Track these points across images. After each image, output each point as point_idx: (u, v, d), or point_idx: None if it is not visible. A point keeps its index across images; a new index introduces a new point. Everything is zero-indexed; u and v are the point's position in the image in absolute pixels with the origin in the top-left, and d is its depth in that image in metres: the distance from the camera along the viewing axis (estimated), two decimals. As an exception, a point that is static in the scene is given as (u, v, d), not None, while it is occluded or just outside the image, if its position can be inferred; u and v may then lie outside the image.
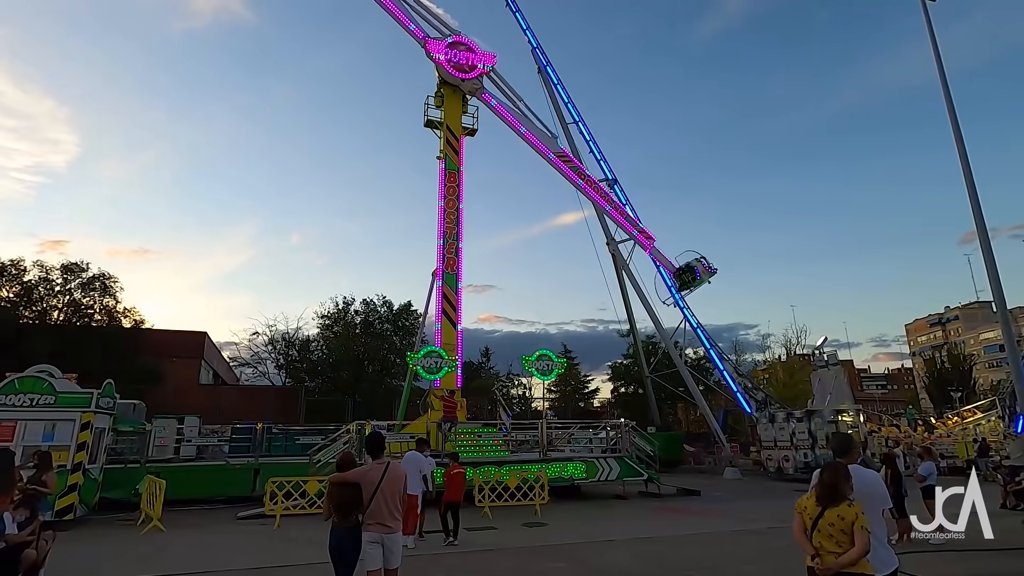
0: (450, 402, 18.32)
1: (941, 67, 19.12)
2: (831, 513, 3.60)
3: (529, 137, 26.26)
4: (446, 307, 22.36)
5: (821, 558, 3.58)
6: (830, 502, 3.62)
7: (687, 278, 28.81)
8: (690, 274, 28.66)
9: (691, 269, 28.67)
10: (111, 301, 29.80)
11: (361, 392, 39.05)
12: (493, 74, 25.46)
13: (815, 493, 3.77)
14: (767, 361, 47.72)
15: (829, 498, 3.64)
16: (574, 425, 25.40)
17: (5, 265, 27.26)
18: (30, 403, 12.51)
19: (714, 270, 28.60)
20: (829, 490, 3.66)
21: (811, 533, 3.68)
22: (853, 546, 3.49)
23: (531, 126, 26.49)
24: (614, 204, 29.11)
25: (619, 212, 29.22)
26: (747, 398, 29.62)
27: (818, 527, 3.63)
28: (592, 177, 28.59)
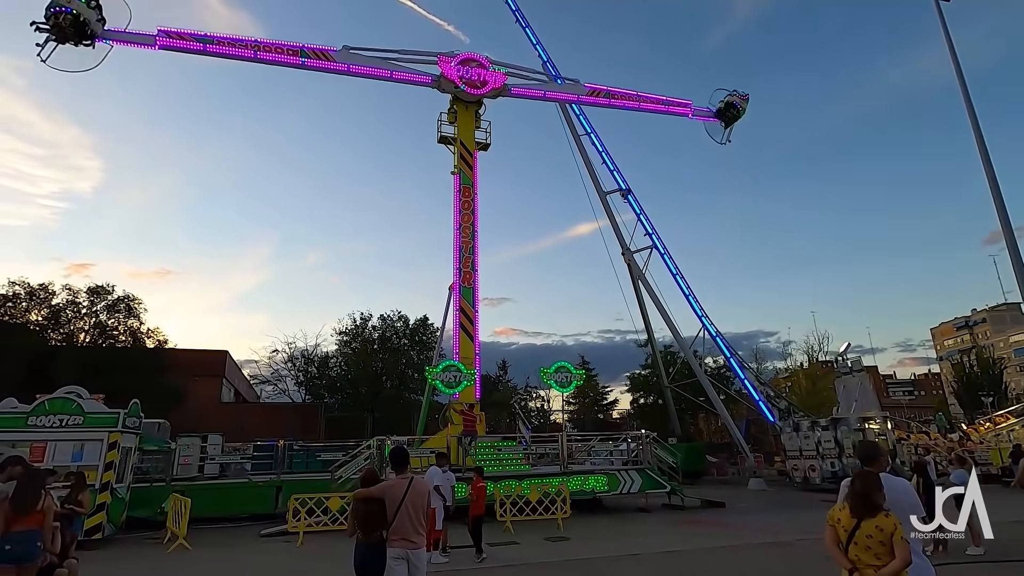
0: (469, 416, 18.28)
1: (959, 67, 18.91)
2: (868, 524, 3.47)
3: (554, 96, 27.47)
4: (463, 321, 22.41)
5: (860, 572, 3.45)
6: (865, 512, 3.49)
7: (730, 114, 28.54)
8: (732, 111, 28.42)
9: (730, 105, 28.42)
10: (135, 322, 30.43)
11: (380, 407, 39.17)
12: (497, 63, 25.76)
13: (848, 504, 3.64)
14: (789, 369, 46.92)
15: (864, 508, 3.51)
16: (594, 437, 25.17)
17: (35, 289, 28.00)
18: (60, 424, 12.77)
19: (746, 95, 28.61)
20: (863, 500, 3.53)
21: (847, 546, 3.55)
22: (892, 558, 3.36)
23: (550, 87, 27.54)
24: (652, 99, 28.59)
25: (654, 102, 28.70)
26: (770, 407, 29.14)
27: (855, 539, 3.50)
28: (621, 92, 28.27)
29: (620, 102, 27.80)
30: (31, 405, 12.82)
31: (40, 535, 5.74)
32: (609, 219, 33.36)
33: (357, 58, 22.73)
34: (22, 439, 12.19)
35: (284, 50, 21.75)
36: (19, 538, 5.51)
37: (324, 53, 22.12)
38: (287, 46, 21.83)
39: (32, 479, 6.04)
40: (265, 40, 21.76)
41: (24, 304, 27.69)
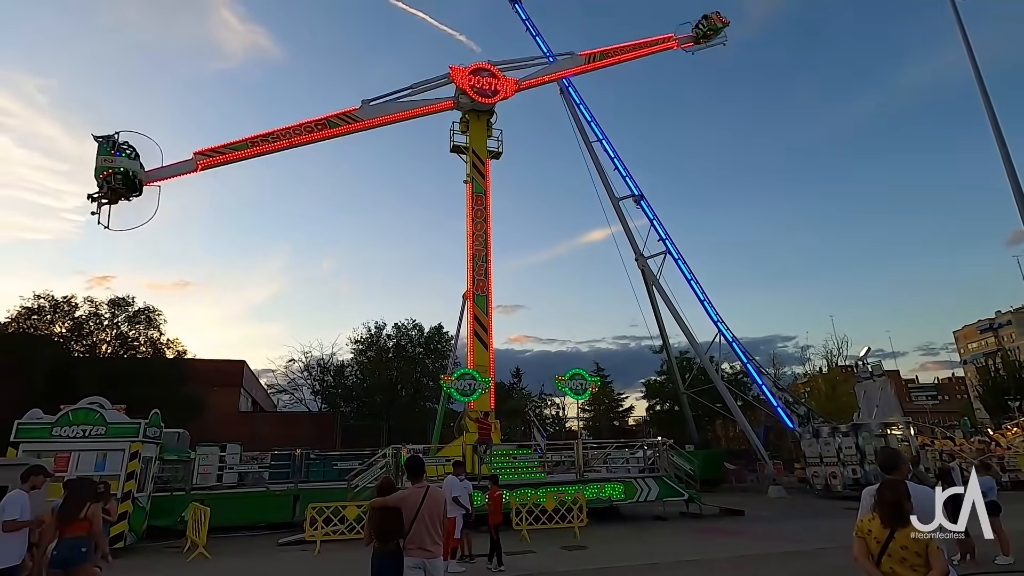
0: (484, 424, 18.29)
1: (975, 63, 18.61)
2: (902, 535, 3.35)
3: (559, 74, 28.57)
4: (477, 329, 22.47)
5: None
6: (898, 523, 3.38)
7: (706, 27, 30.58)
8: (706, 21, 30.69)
9: (705, 17, 30.74)
10: (155, 333, 30.92)
11: (395, 416, 39.27)
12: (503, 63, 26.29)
13: (878, 514, 3.53)
14: (807, 374, 46.16)
15: (896, 518, 3.39)
16: (610, 445, 24.98)
17: (59, 302, 28.61)
18: (83, 434, 13.02)
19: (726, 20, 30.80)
20: (894, 509, 3.41)
21: (880, 558, 3.42)
22: (928, 570, 3.25)
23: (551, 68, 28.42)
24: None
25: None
26: (788, 413, 28.70)
27: (888, 551, 3.37)
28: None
29: (615, 59, 28.94)
30: (55, 416, 13.09)
31: (85, 541, 6.17)
32: (622, 225, 33.26)
33: (378, 110, 23.11)
34: (47, 449, 12.43)
35: (313, 125, 21.89)
36: (67, 544, 6.04)
37: (348, 116, 22.44)
38: (315, 121, 21.96)
39: (76, 490, 6.35)
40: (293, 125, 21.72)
41: (48, 316, 28.29)
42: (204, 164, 20.01)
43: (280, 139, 21.28)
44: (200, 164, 19.92)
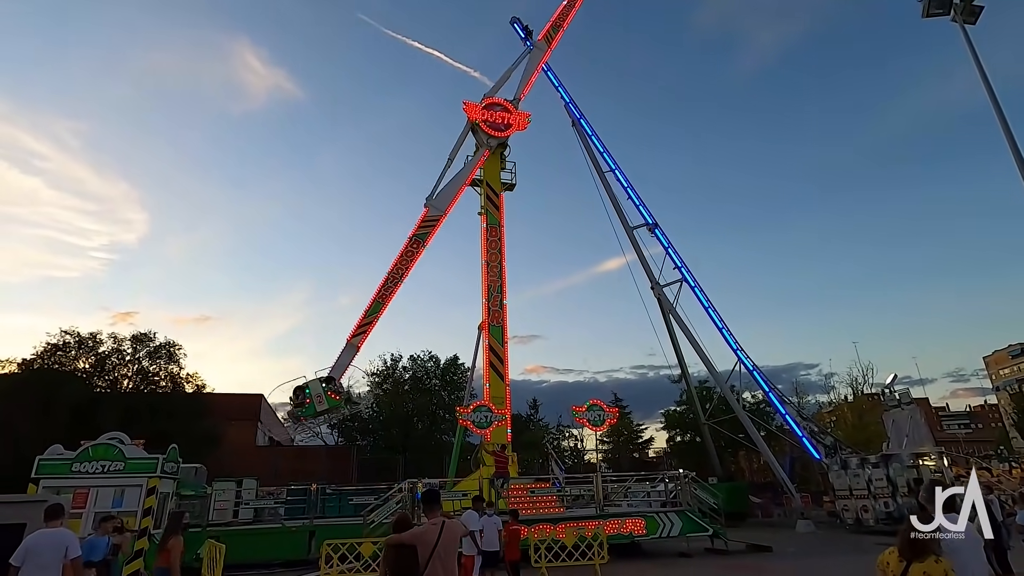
0: (501, 457, 17.99)
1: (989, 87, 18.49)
2: (916, 569, 3.26)
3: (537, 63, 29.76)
4: (493, 360, 22.37)
5: None
6: (914, 556, 3.28)
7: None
8: None
9: None
10: (176, 368, 31.20)
11: (411, 449, 38.93)
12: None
13: (896, 546, 3.44)
14: (832, 402, 44.97)
15: (913, 551, 3.30)
16: (630, 478, 24.42)
17: (84, 338, 29.14)
18: (102, 470, 13.08)
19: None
20: (913, 543, 3.34)
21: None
22: None
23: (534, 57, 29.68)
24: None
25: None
26: (814, 443, 27.86)
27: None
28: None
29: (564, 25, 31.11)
30: (75, 451, 13.19)
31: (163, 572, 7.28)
32: (637, 254, 33.23)
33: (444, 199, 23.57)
34: (66, 485, 12.50)
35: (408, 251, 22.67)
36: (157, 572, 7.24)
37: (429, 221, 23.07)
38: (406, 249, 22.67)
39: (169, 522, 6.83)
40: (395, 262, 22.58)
41: (73, 352, 28.80)
42: (361, 343, 21.79)
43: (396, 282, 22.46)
44: (359, 345, 21.67)
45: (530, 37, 37.94)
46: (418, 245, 22.74)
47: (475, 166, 24.65)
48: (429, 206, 23.16)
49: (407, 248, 22.60)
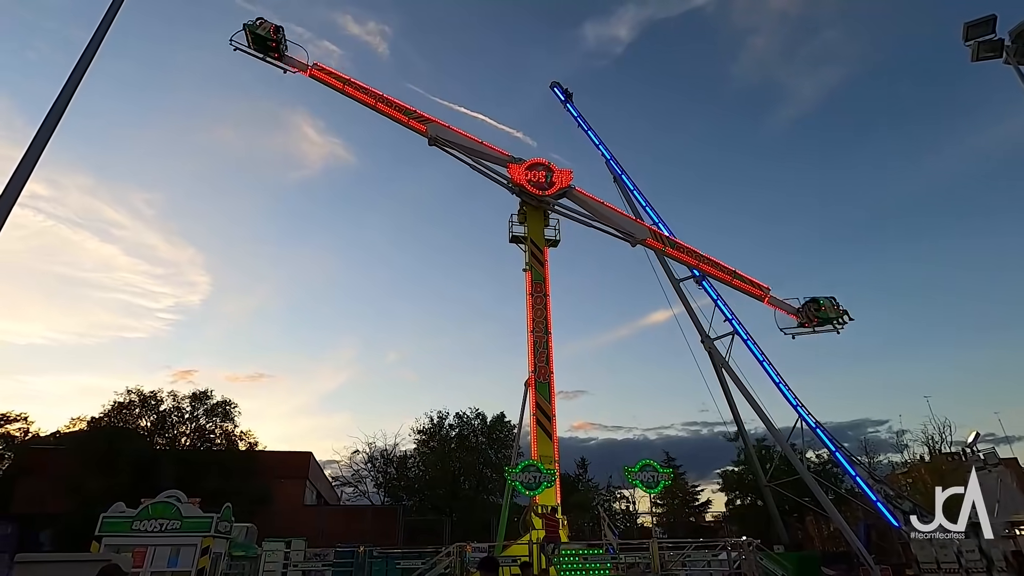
0: (552, 520, 17.33)
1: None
2: None
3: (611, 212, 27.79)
4: (540, 417, 21.98)
5: None
6: None
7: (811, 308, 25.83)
8: (815, 305, 25.86)
9: (815, 300, 25.92)
10: (230, 425, 32.09)
11: (457, 510, 38.06)
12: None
13: None
14: (907, 462, 41.64)
15: None
16: (688, 544, 22.97)
17: (146, 397, 30.52)
18: (160, 528, 13.33)
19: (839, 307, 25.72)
20: None
21: None
22: None
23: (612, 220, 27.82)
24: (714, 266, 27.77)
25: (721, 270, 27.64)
26: (891, 509, 25.63)
27: None
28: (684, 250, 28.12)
29: (680, 255, 27.92)
30: (136, 510, 13.55)
31: None
32: (684, 306, 32.54)
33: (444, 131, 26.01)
34: (126, 544, 12.78)
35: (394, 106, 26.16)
36: None
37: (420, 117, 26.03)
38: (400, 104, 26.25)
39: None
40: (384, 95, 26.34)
41: (137, 410, 30.14)
42: (312, 72, 25.79)
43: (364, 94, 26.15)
44: (310, 70, 25.71)
45: (570, 100, 39.40)
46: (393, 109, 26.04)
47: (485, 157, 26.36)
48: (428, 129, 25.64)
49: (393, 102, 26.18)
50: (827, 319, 25.81)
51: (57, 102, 8.97)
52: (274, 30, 24.37)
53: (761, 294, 27.01)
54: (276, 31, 24.42)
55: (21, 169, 8.18)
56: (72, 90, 9.20)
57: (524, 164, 25.97)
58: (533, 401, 22.30)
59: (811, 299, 26.06)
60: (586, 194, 26.80)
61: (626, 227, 27.34)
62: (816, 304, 25.83)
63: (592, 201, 26.98)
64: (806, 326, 26.24)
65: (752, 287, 27.05)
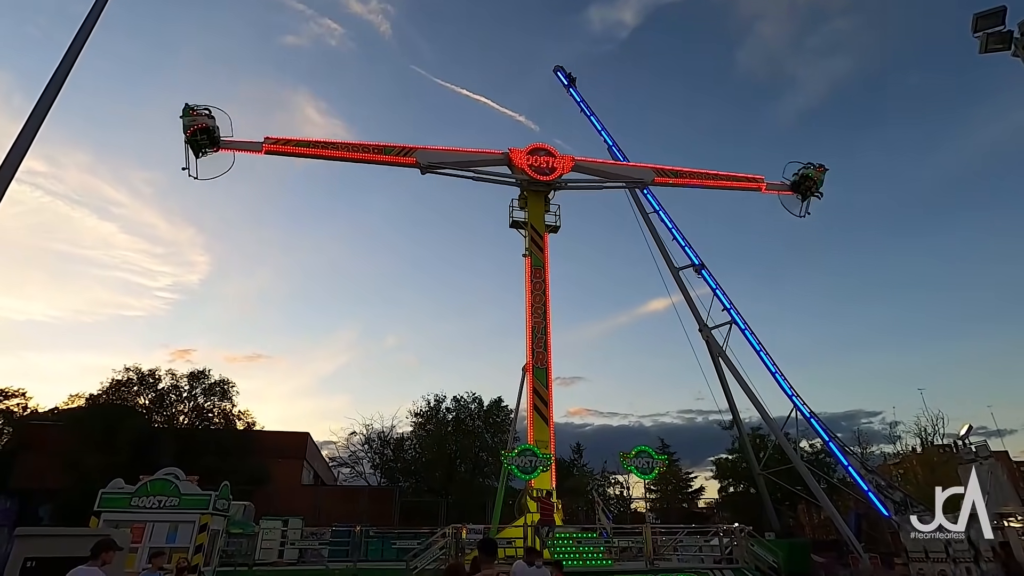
0: (547, 504, 17.52)
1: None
2: None
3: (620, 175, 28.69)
4: (537, 403, 22.11)
5: None
6: None
7: (806, 186, 28.11)
8: (807, 182, 28.09)
9: (806, 177, 28.06)
10: (228, 405, 32.23)
11: (453, 492, 38.44)
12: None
13: None
14: (899, 453, 41.99)
15: None
16: (681, 530, 23.29)
17: (144, 375, 30.60)
18: (158, 505, 13.46)
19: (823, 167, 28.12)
20: None
21: None
22: None
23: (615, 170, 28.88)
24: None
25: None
26: (881, 498, 25.92)
27: None
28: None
29: (688, 181, 28.67)
30: (135, 486, 13.66)
31: None
32: (683, 295, 32.57)
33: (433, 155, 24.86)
34: (125, 519, 12.90)
35: (371, 148, 24.47)
36: None
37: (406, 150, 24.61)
38: (373, 145, 24.54)
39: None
40: (354, 143, 24.61)
41: (135, 388, 30.23)
42: (268, 148, 23.24)
43: (337, 149, 24.39)
44: (265, 147, 23.14)
45: (573, 85, 39.04)
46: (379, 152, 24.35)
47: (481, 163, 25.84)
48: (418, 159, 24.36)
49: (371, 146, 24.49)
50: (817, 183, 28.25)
51: (55, 77, 8.87)
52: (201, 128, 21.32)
53: (759, 186, 29.08)
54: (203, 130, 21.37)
55: (19, 144, 8.12)
56: (69, 65, 9.10)
57: (525, 149, 25.82)
58: (530, 386, 22.42)
59: (798, 173, 28.55)
60: (590, 159, 27.48)
61: (635, 175, 28.52)
62: (805, 175, 28.36)
63: (598, 164, 27.86)
64: (798, 196, 28.73)
65: (749, 183, 29.07)
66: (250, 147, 23.05)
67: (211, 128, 21.69)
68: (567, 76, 38.80)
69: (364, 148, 24.38)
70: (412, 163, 24.38)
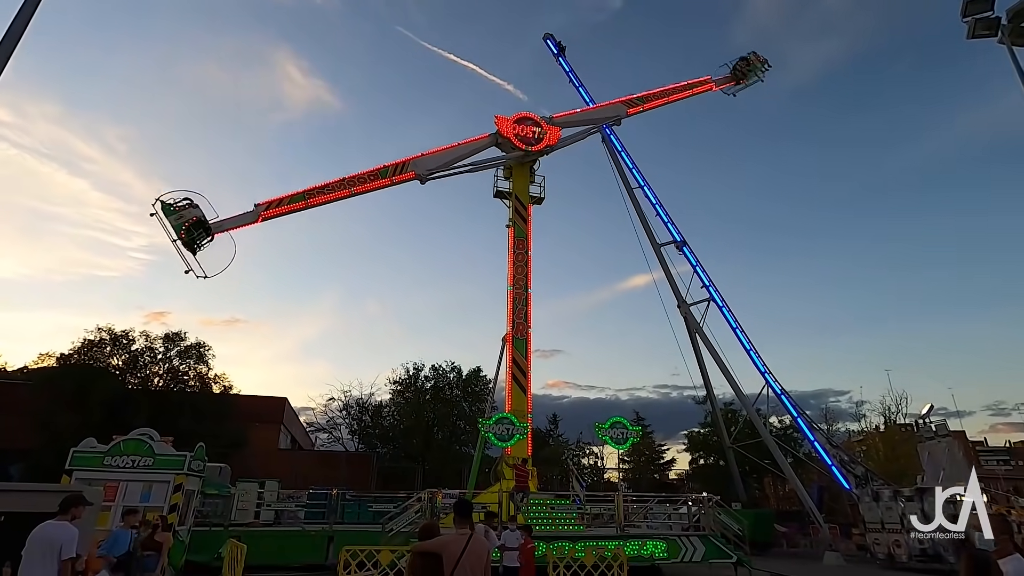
0: (522, 471, 17.87)
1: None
2: None
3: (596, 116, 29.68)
4: (516, 373, 22.30)
5: None
6: None
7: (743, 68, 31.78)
8: (743, 63, 31.88)
9: (742, 59, 31.88)
10: (204, 368, 31.88)
11: (430, 459, 38.94)
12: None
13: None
14: (863, 431, 43.54)
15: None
16: (652, 499, 23.98)
17: (118, 336, 30.04)
18: (132, 464, 13.38)
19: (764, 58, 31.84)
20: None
21: None
22: None
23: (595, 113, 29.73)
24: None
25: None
26: (844, 472, 26.97)
27: None
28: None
29: (655, 103, 30.35)
30: (108, 445, 13.54)
31: None
32: (664, 271, 32.91)
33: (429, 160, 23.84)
34: (98, 478, 12.81)
35: (367, 176, 22.67)
36: None
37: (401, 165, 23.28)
38: (368, 172, 22.74)
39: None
40: (348, 176, 22.48)
41: (108, 349, 29.69)
42: (265, 215, 21.05)
43: (335, 190, 22.08)
44: (261, 216, 20.95)
45: (563, 54, 38.35)
46: (375, 179, 22.54)
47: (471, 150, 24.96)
48: (415, 171, 23.21)
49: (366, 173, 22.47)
50: (755, 70, 31.86)
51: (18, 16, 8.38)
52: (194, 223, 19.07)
53: (710, 85, 31.72)
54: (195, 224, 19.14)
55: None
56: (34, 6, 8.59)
57: (512, 118, 25.44)
58: (510, 356, 22.57)
59: (739, 58, 32.20)
60: (565, 113, 27.60)
61: (610, 113, 29.43)
62: (744, 61, 31.94)
63: (573, 116, 28.08)
64: (742, 83, 31.95)
65: (701, 85, 31.62)
66: (245, 221, 20.76)
67: (202, 219, 19.40)
68: (557, 45, 38.10)
69: (361, 179, 22.48)
70: (412, 177, 23.15)
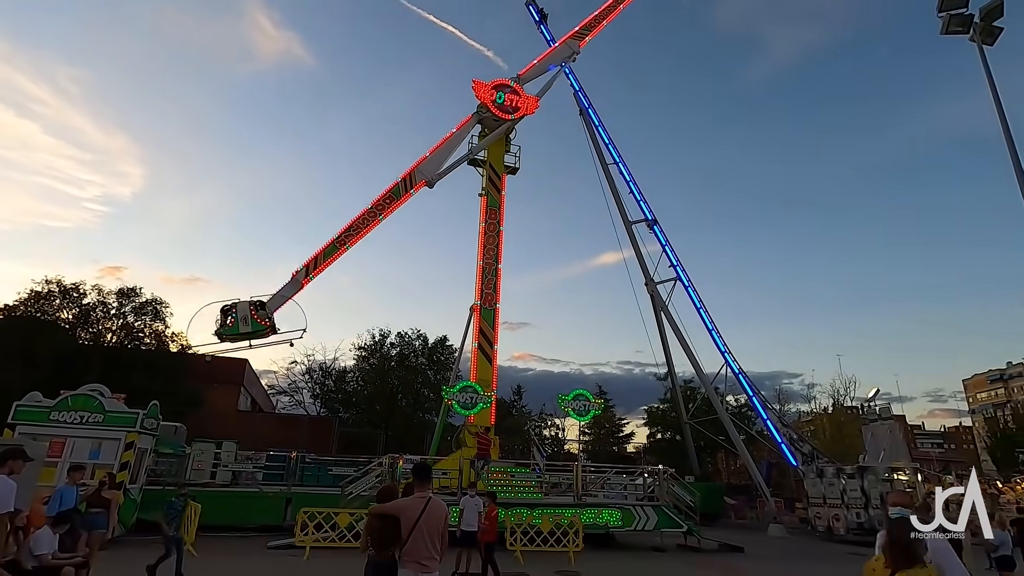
0: (484, 439, 18.00)
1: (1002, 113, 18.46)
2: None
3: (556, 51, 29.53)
4: (482, 342, 22.31)
5: None
6: (903, 564, 3.23)
7: None
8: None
9: None
10: (160, 326, 30.86)
11: (393, 426, 38.96)
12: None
13: (884, 555, 3.41)
14: (813, 412, 45.54)
15: (901, 559, 3.25)
16: (609, 470, 24.59)
17: (67, 288, 28.70)
18: (80, 420, 12.91)
19: None
20: (901, 550, 3.29)
21: None
22: None
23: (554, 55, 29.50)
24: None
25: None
26: (792, 450, 28.18)
27: None
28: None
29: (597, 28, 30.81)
30: (54, 400, 13.01)
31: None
32: (634, 248, 33.19)
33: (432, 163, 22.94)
34: (43, 433, 12.31)
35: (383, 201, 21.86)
36: None
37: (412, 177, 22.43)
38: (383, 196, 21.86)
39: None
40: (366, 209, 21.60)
41: (57, 302, 28.37)
42: (306, 282, 20.62)
43: (367, 224, 21.44)
44: (304, 283, 20.52)
45: (545, 22, 37.47)
46: (391, 201, 21.92)
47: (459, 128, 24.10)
48: (424, 177, 22.44)
49: (382, 198, 21.79)
50: None
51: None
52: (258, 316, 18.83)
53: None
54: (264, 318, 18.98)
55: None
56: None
57: (490, 83, 24.86)
58: (477, 327, 22.52)
59: None
60: (529, 67, 27.42)
61: (564, 53, 29.58)
62: None
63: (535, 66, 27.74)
64: None
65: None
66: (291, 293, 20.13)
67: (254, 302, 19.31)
68: (539, 12, 37.18)
69: (379, 207, 21.65)
70: (424, 186, 22.35)
